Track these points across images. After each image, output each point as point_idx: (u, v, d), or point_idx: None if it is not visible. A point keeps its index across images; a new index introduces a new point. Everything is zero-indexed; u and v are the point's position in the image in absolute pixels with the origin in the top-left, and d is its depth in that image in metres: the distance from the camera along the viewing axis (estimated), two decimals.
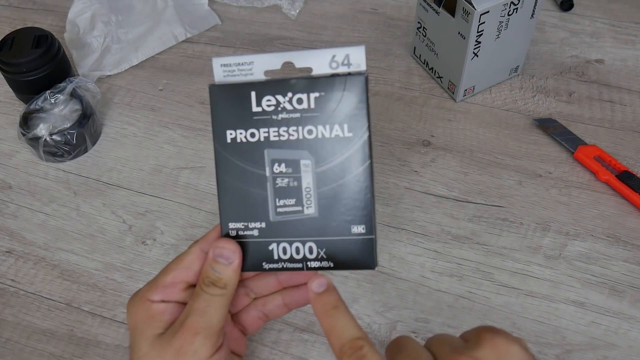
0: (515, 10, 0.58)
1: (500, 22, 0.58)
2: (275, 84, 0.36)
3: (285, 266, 0.37)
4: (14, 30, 0.64)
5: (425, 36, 0.65)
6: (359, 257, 0.36)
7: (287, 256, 0.37)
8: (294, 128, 0.36)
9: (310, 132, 0.36)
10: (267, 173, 0.36)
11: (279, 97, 0.35)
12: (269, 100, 0.36)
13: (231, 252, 0.37)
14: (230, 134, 0.36)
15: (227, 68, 0.36)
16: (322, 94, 0.35)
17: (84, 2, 0.73)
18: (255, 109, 0.36)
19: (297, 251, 0.37)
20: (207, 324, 0.36)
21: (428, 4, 0.62)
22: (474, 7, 0.55)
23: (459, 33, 0.59)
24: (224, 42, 0.73)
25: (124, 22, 0.73)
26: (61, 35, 0.73)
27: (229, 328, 0.41)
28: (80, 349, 0.50)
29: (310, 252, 0.37)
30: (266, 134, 0.36)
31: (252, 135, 0.36)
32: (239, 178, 0.36)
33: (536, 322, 0.49)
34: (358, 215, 0.36)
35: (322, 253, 0.37)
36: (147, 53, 0.72)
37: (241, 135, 0.36)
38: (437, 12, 0.61)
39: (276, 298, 0.42)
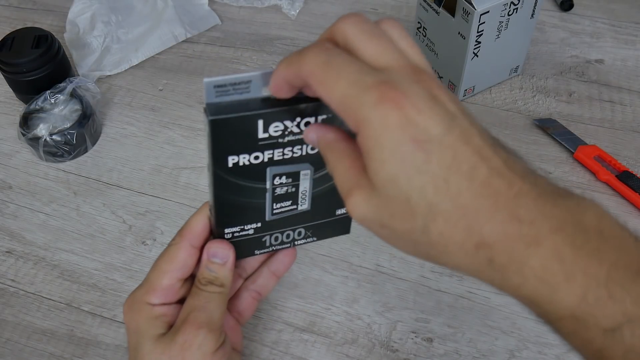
0: (515, 10, 0.58)
1: (500, 22, 0.58)
2: (284, 112, 0.33)
3: (274, 249, 0.40)
4: (14, 30, 0.64)
5: (425, 36, 0.65)
6: (337, 228, 0.41)
7: (278, 242, 0.40)
8: (299, 147, 0.35)
9: (313, 148, 0.35)
10: (268, 186, 0.36)
11: (287, 123, 0.33)
12: (276, 126, 0.33)
13: (225, 253, 0.38)
14: (233, 159, 0.34)
15: (220, 89, 0.32)
16: (329, 116, 0.34)
17: (84, 2, 0.73)
18: (261, 135, 0.33)
19: (288, 236, 0.40)
20: (209, 319, 0.36)
21: (428, 4, 0.62)
22: (474, 7, 0.55)
23: (459, 33, 0.59)
24: (224, 42, 0.73)
25: (124, 22, 0.73)
26: (61, 35, 0.73)
27: (225, 320, 0.42)
28: (80, 349, 0.50)
29: (299, 235, 0.40)
30: (270, 155, 0.35)
31: (256, 158, 0.34)
32: (237, 194, 0.36)
33: (536, 322, 0.49)
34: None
35: (308, 233, 0.40)
36: (147, 53, 0.72)
37: (244, 159, 0.34)
38: (437, 12, 0.61)
39: (263, 270, 0.43)
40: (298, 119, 0.34)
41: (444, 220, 0.26)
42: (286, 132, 0.34)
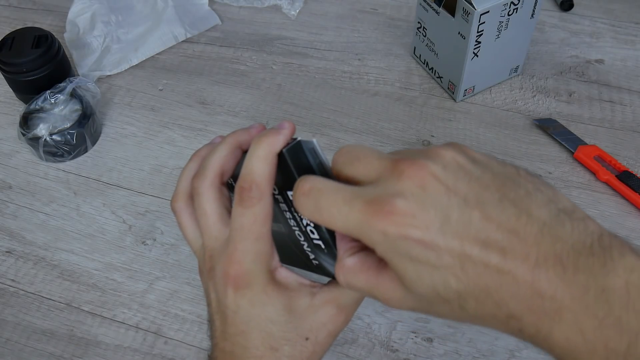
0: (515, 10, 0.58)
1: (500, 22, 0.58)
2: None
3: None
4: (14, 30, 0.64)
5: (425, 36, 0.65)
6: None
7: None
8: None
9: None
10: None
11: None
12: None
13: None
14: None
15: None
16: None
17: (84, 2, 0.73)
18: None
19: None
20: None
21: (428, 4, 0.62)
22: (474, 7, 0.55)
23: (459, 33, 0.59)
24: (224, 42, 0.73)
25: (124, 22, 0.73)
26: (61, 35, 0.73)
27: None
28: (80, 349, 0.50)
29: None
30: None
31: None
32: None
33: None
34: None
35: None
36: (147, 53, 0.72)
37: None
38: (437, 12, 0.61)
39: None
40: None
41: (474, 300, 0.27)
42: None
